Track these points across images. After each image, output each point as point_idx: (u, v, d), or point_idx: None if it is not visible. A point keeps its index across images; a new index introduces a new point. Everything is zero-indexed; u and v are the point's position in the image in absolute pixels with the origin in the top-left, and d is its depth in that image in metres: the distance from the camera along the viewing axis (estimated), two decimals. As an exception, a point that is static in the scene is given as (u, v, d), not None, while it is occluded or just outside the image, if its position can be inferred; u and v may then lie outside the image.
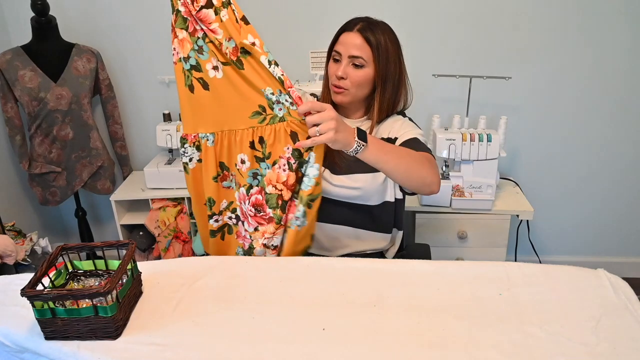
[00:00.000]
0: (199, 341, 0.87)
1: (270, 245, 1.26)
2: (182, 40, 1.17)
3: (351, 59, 1.22)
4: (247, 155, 1.23)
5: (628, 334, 0.85)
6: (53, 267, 0.97)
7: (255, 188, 1.25)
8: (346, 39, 1.23)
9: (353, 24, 1.24)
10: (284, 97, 1.16)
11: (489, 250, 2.01)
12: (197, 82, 1.19)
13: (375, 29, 1.22)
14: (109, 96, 2.22)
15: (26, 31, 2.02)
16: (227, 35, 1.13)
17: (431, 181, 1.13)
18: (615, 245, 2.38)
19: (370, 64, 1.23)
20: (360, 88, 1.25)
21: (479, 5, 2.02)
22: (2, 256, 1.62)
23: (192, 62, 1.18)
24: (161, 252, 2.16)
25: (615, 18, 1.98)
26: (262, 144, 1.21)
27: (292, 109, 1.16)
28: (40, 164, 2.13)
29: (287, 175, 1.20)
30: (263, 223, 1.26)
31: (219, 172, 1.27)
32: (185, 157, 1.26)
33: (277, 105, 1.17)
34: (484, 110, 2.04)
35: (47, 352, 0.88)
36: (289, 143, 1.19)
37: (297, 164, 1.20)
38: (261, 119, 1.19)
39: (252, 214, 1.26)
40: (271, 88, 1.16)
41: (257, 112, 1.19)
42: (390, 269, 1.07)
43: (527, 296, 0.96)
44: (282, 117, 1.18)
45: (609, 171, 2.23)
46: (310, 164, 1.19)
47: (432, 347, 0.84)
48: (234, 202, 1.30)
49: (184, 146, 1.25)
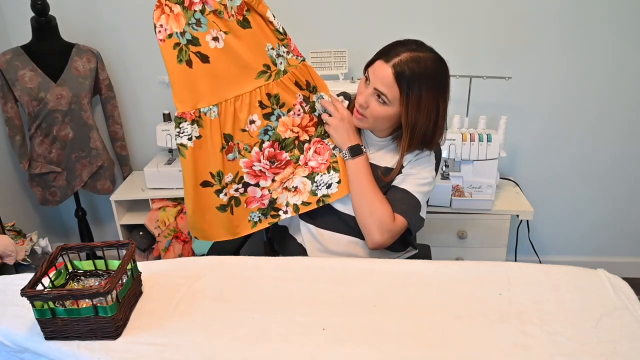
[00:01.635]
0: (199, 341, 0.87)
1: (291, 187, 1.31)
2: (177, 15, 1.16)
3: (376, 91, 1.14)
4: (257, 114, 1.26)
5: (628, 334, 0.85)
6: (53, 267, 0.97)
7: (267, 142, 1.29)
8: (379, 69, 1.12)
9: (393, 53, 1.11)
10: (282, 48, 1.23)
11: (489, 250, 2.01)
12: (194, 57, 1.19)
13: (415, 69, 1.09)
14: (109, 96, 2.22)
15: (26, 31, 2.02)
16: None
17: (368, 236, 1.22)
18: (615, 245, 2.38)
19: (395, 104, 1.13)
20: (380, 122, 1.19)
21: (479, 5, 2.02)
22: (2, 256, 1.62)
23: (188, 37, 1.17)
24: (161, 252, 2.16)
25: (616, 18, 1.98)
26: (271, 98, 1.25)
27: (289, 57, 1.24)
28: (40, 164, 2.13)
29: (301, 117, 1.28)
30: (279, 171, 1.31)
31: (224, 145, 1.26)
32: (182, 137, 1.22)
33: (279, 59, 1.23)
34: (484, 110, 2.04)
35: (47, 352, 0.88)
36: (298, 91, 1.26)
37: (309, 107, 1.28)
38: (267, 76, 1.23)
39: (268, 167, 1.31)
40: (271, 43, 1.21)
41: (263, 71, 1.23)
42: (390, 269, 1.07)
43: (527, 296, 0.96)
44: (284, 70, 1.24)
45: (609, 171, 2.23)
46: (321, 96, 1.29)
47: (432, 347, 0.84)
48: (239, 172, 1.30)
49: (179, 126, 1.22)
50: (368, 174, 1.24)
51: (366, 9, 2.02)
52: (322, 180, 1.29)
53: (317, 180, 1.29)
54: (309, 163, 1.31)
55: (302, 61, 1.26)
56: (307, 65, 1.26)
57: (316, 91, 1.28)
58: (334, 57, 2.07)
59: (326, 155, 1.29)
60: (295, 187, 1.31)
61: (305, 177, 1.30)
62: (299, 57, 1.26)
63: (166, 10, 1.16)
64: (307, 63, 1.27)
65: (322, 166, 1.29)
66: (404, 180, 1.24)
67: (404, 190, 1.23)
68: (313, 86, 1.28)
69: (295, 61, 1.25)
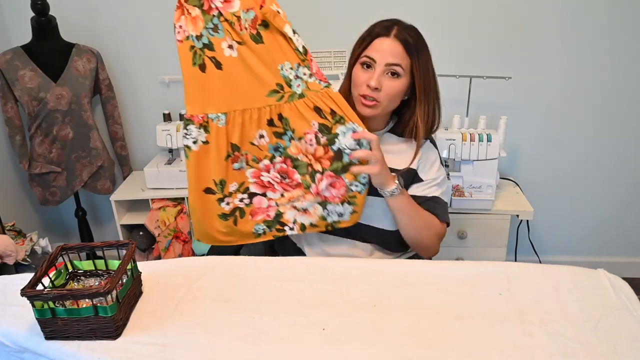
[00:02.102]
0: (199, 341, 0.87)
1: (300, 208, 1.24)
2: (195, 18, 1.13)
3: (388, 67, 1.13)
4: (265, 131, 1.20)
5: (628, 334, 0.85)
6: (53, 267, 0.97)
7: (279, 158, 1.23)
8: (382, 45, 1.14)
9: (388, 28, 1.15)
10: (302, 70, 1.15)
11: (489, 250, 2.01)
12: (209, 61, 1.16)
13: (412, 35, 1.15)
14: (109, 96, 2.22)
15: (26, 31, 2.02)
16: (245, 6, 1.11)
17: (429, 250, 1.27)
18: (615, 245, 2.38)
19: (407, 74, 1.15)
20: (393, 101, 1.18)
21: (479, 5, 2.02)
22: (2, 256, 1.62)
23: (205, 41, 1.15)
24: (161, 252, 2.16)
25: (616, 18, 1.98)
26: (282, 120, 1.19)
27: (310, 81, 1.15)
28: (40, 164, 2.13)
29: (315, 149, 1.19)
30: (289, 189, 1.24)
31: (230, 153, 1.23)
32: (188, 139, 1.20)
33: (296, 80, 1.16)
34: (484, 110, 2.04)
35: (47, 352, 0.88)
36: (314, 118, 1.16)
37: (327, 139, 1.17)
38: (279, 97, 1.17)
39: (278, 181, 1.24)
40: (290, 62, 1.14)
41: (275, 90, 1.17)
42: (390, 269, 1.07)
43: (527, 296, 0.96)
44: (302, 93, 1.16)
45: (609, 171, 2.23)
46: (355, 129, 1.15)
47: (432, 347, 0.84)
48: (245, 182, 1.26)
49: (186, 127, 1.20)
50: (411, 199, 1.22)
51: (366, 9, 2.02)
52: (334, 210, 1.23)
53: (329, 209, 1.23)
54: (321, 193, 1.22)
55: (327, 87, 1.16)
56: (331, 92, 1.16)
57: (344, 122, 1.15)
58: (334, 57, 2.07)
59: (342, 190, 1.20)
60: (305, 209, 1.24)
61: (316, 203, 1.24)
62: (322, 82, 1.16)
63: (185, 12, 1.14)
64: (333, 90, 1.16)
65: (336, 199, 1.21)
66: (428, 188, 1.27)
67: (434, 198, 1.27)
68: (340, 116, 1.15)
69: (317, 86, 1.16)
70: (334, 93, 1.16)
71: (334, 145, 1.17)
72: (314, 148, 1.18)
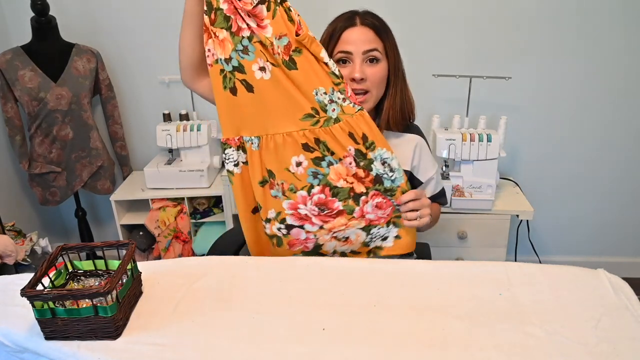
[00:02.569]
0: (199, 341, 0.87)
1: (341, 237, 1.20)
2: (223, 41, 1.10)
3: (366, 54, 1.14)
4: (303, 155, 1.16)
5: (628, 334, 0.85)
6: (53, 267, 0.97)
7: (317, 187, 1.17)
8: (352, 35, 1.14)
9: (351, 18, 1.17)
10: (337, 94, 1.12)
11: (489, 250, 2.01)
12: (240, 84, 1.12)
13: (376, 18, 1.17)
14: (109, 96, 2.22)
15: (26, 31, 2.03)
16: (278, 33, 1.08)
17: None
18: (615, 245, 2.38)
19: (384, 56, 1.17)
20: (380, 87, 1.18)
21: (479, 5, 2.02)
22: (2, 256, 1.62)
23: (234, 64, 1.11)
24: (161, 252, 2.16)
25: (616, 18, 1.98)
26: (319, 144, 1.15)
27: (344, 105, 1.13)
28: (40, 164, 2.13)
29: (357, 171, 1.16)
30: (329, 220, 1.19)
31: (266, 178, 1.19)
32: (229, 164, 1.18)
33: (331, 105, 1.13)
34: (484, 110, 2.04)
35: (47, 352, 0.88)
36: (350, 144, 1.14)
37: (364, 164, 1.16)
38: (314, 121, 1.13)
39: (316, 214, 1.19)
40: (324, 87, 1.12)
41: (310, 114, 1.13)
42: (390, 269, 1.07)
43: (527, 296, 0.96)
44: (337, 117, 1.13)
45: (609, 171, 2.23)
46: (382, 156, 1.15)
47: (432, 347, 0.84)
48: (282, 212, 1.20)
49: (225, 152, 1.18)
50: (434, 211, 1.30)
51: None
52: (378, 233, 1.21)
53: (372, 233, 1.20)
54: (366, 216, 1.18)
55: (360, 110, 1.14)
56: (364, 115, 1.14)
57: (374, 148, 1.14)
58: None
59: (388, 210, 1.18)
60: (347, 237, 1.21)
61: (359, 229, 1.20)
62: (356, 106, 1.14)
63: (218, 34, 1.10)
64: (365, 113, 1.15)
65: (382, 220, 1.19)
66: (428, 185, 1.30)
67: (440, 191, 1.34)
68: (371, 142, 1.14)
69: (351, 109, 1.13)
70: (367, 116, 1.15)
71: (372, 171, 1.16)
72: (354, 170, 1.16)
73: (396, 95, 1.21)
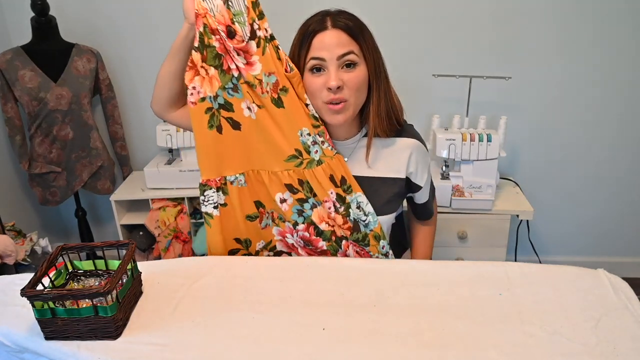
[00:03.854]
0: (199, 341, 0.87)
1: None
2: (212, 78, 1.08)
3: (340, 59, 1.04)
4: (288, 193, 1.17)
5: (628, 334, 0.85)
6: (53, 267, 0.97)
7: (301, 225, 1.19)
8: (324, 40, 1.04)
9: (321, 21, 1.05)
10: (317, 137, 1.12)
11: (489, 250, 2.01)
12: (225, 122, 1.12)
13: (349, 17, 1.06)
14: (109, 96, 2.22)
15: (26, 31, 2.03)
16: (267, 70, 1.07)
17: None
18: (615, 245, 2.38)
19: (361, 59, 1.06)
20: (360, 95, 1.08)
21: (479, 4, 2.02)
22: (2, 256, 1.62)
23: (221, 101, 1.10)
24: (161, 252, 2.16)
25: (616, 18, 1.98)
26: (303, 185, 1.15)
27: (324, 147, 1.13)
28: (40, 164, 2.13)
29: (335, 216, 1.16)
30: (314, 255, 1.21)
31: (255, 214, 1.19)
32: (207, 206, 1.17)
33: (314, 147, 1.13)
34: (484, 110, 2.04)
35: (47, 352, 0.88)
36: (331, 187, 1.14)
37: (344, 209, 1.16)
38: (298, 162, 1.14)
39: (302, 246, 1.21)
40: (307, 128, 1.11)
41: (294, 155, 1.13)
42: (390, 269, 1.07)
43: (527, 296, 0.96)
44: (319, 159, 1.13)
45: (609, 171, 2.23)
46: (357, 200, 1.15)
47: (432, 347, 0.84)
48: (273, 240, 1.23)
49: (204, 194, 1.16)
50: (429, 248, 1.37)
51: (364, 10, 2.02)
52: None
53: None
54: (349, 256, 1.20)
55: (337, 154, 1.14)
56: (340, 159, 1.14)
57: (351, 191, 1.15)
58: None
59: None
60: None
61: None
62: (333, 149, 1.14)
63: (202, 72, 1.07)
64: (341, 157, 1.15)
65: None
66: (425, 188, 1.26)
67: (430, 200, 1.31)
68: (348, 185, 1.14)
69: (330, 152, 1.14)
70: (342, 160, 1.15)
71: (349, 216, 1.16)
72: (334, 216, 1.16)
73: (380, 100, 1.10)
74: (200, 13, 1.03)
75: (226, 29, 1.04)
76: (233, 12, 1.04)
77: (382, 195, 1.18)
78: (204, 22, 1.04)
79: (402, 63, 2.08)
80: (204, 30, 1.04)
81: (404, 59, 2.08)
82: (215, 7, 1.03)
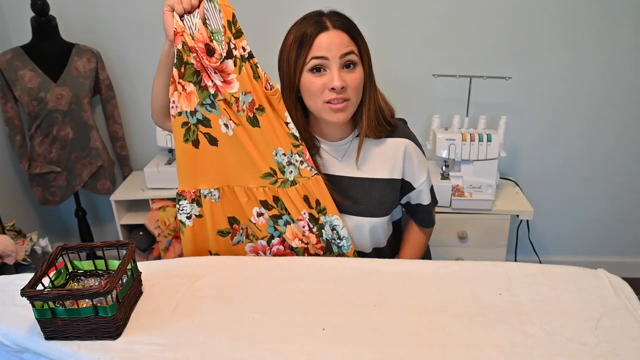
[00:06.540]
0: (199, 341, 0.87)
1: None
2: (190, 94, 1.10)
3: (343, 59, 1.04)
4: (262, 208, 1.19)
5: (628, 334, 0.85)
6: (53, 267, 0.97)
7: (276, 239, 1.21)
8: (326, 40, 1.04)
9: (320, 22, 1.05)
10: (295, 156, 1.13)
11: (489, 250, 2.01)
12: (203, 137, 1.14)
13: (345, 18, 1.08)
14: (109, 96, 2.22)
15: (26, 31, 2.03)
16: (244, 89, 1.08)
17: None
18: (615, 245, 2.38)
19: (359, 61, 1.08)
20: (359, 93, 1.10)
21: (479, 4, 2.02)
22: (2, 256, 1.62)
23: (199, 117, 1.12)
24: (161, 252, 2.16)
25: (617, 18, 1.98)
26: (277, 202, 1.17)
27: (301, 168, 1.14)
28: (40, 164, 2.13)
29: (309, 235, 1.18)
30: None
31: (227, 230, 1.22)
32: (181, 215, 1.20)
33: (288, 167, 1.14)
34: (484, 110, 2.04)
35: (47, 352, 0.88)
36: (305, 208, 1.15)
37: (317, 229, 1.17)
38: (273, 180, 1.16)
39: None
40: (283, 148, 1.13)
41: (269, 173, 1.15)
42: (390, 269, 1.07)
43: (527, 296, 0.96)
44: (294, 180, 1.14)
45: (609, 171, 2.23)
46: (333, 223, 1.16)
47: (432, 347, 0.84)
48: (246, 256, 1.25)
49: (179, 203, 1.20)
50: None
51: (364, 10, 2.02)
52: None
53: None
54: None
55: (316, 175, 1.14)
56: (319, 180, 1.14)
57: (325, 213, 1.15)
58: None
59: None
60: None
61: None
62: (312, 169, 1.14)
63: (179, 88, 1.10)
64: (320, 178, 1.14)
65: None
66: (420, 191, 1.22)
67: (427, 206, 1.26)
68: (323, 207, 1.15)
69: (308, 173, 1.14)
70: (321, 182, 1.14)
71: (322, 236, 1.18)
72: (307, 234, 1.18)
73: (371, 102, 1.12)
74: (178, 31, 1.04)
75: (205, 47, 1.06)
76: (211, 31, 1.06)
77: (374, 196, 1.18)
78: (182, 39, 1.05)
79: (403, 63, 2.08)
80: (183, 47, 1.05)
81: (404, 59, 2.08)
82: (193, 25, 1.05)
